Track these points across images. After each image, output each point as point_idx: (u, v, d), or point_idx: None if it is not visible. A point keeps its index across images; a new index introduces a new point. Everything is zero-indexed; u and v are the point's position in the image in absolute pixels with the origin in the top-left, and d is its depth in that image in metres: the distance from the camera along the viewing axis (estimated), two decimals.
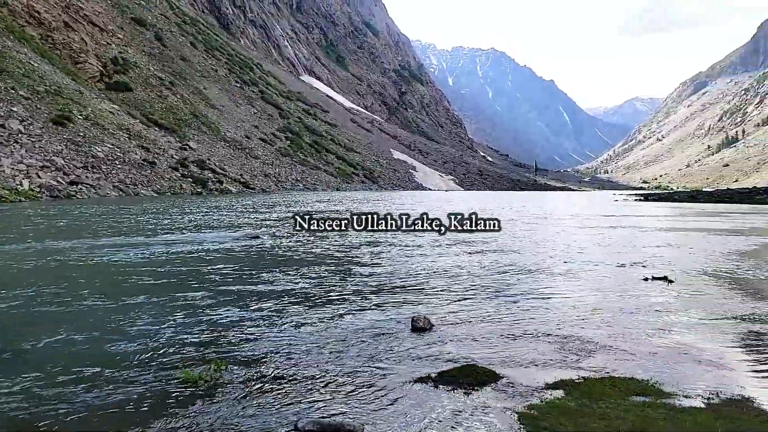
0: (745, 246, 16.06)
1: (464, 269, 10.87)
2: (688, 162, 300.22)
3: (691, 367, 5.01)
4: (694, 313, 7.30)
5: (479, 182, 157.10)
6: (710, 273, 10.83)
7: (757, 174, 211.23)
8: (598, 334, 6.10)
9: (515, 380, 4.55)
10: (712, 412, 3.83)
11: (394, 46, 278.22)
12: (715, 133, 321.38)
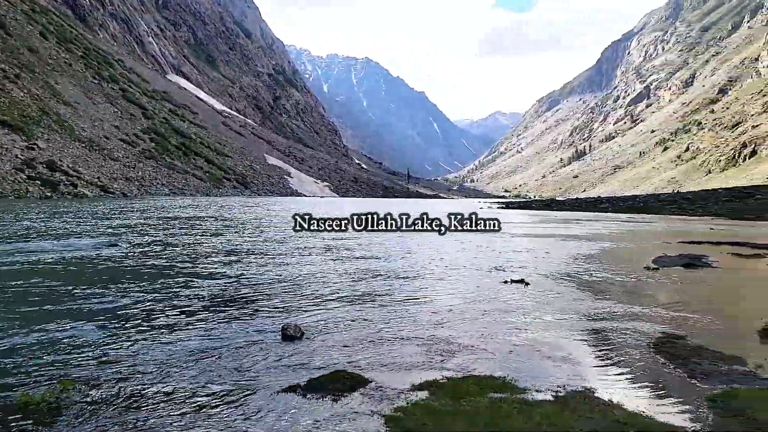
0: (591, 250, 17.74)
1: (336, 275, 10.91)
2: (543, 173, 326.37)
3: (543, 364, 5.42)
4: (546, 313, 7.90)
5: (354, 189, 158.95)
6: (561, 275, 11.80)
7: (601, 185, 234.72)
8: (461, 336, 6.40)
9: (383, 384, 4.63)
10: (559, 404, 4.16)
11: (268, 50, 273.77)
12: (566, 147, 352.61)
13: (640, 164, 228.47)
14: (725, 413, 3.99)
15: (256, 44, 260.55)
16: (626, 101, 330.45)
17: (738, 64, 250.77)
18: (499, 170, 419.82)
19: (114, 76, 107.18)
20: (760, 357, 5.67)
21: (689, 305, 8.60)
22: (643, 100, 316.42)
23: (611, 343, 6.23)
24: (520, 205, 79.97)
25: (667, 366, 5.34)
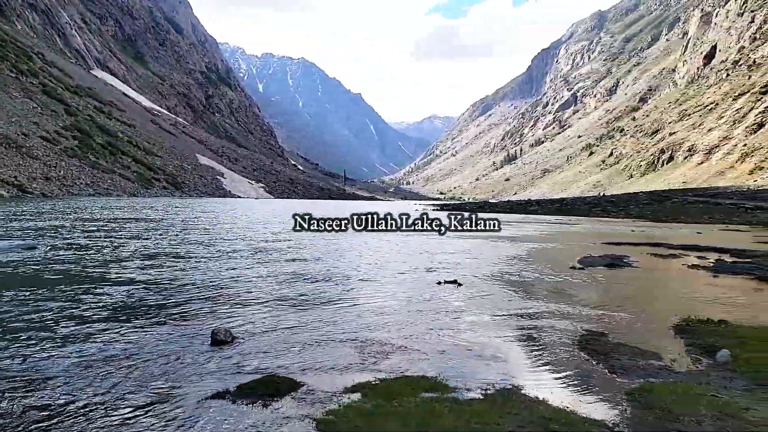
0: (521, 251, 18.29)
1: (268, 278, 10.73)
2: (477, 176, 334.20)
3: (474, 363, 5.53)
4: (478, 313, 8.07)
5: (290, 190, 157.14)
6: (493, 276, 12.10)
7: (532, 187, 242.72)
8: (395, 337, 6.44)
9: (315, 387, 4.59)
10: (489, 401, 4.26)
11: (200, 47, 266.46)
12: (499, 150, 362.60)
13: (568, 168, 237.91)
14: (642, 407, 4.20)
15: (187, 41, 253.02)
16: (555, 107, 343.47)
17: (657, 74, 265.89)
18: (434, 173, 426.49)
19: (33, 70, 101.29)
20: (674, 352, 6.01)
21: (611, 303, 9.02)
22: (571, 106, 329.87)
23: (538, 341, 6.43)
24: (454, 207, 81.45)
25: (590, 362, 5.57)
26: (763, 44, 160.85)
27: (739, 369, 5.13)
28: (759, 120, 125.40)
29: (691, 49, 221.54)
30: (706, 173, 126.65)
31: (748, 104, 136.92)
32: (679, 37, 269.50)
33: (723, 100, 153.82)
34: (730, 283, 11.43)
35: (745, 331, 6.70)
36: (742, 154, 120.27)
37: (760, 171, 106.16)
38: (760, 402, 4.23)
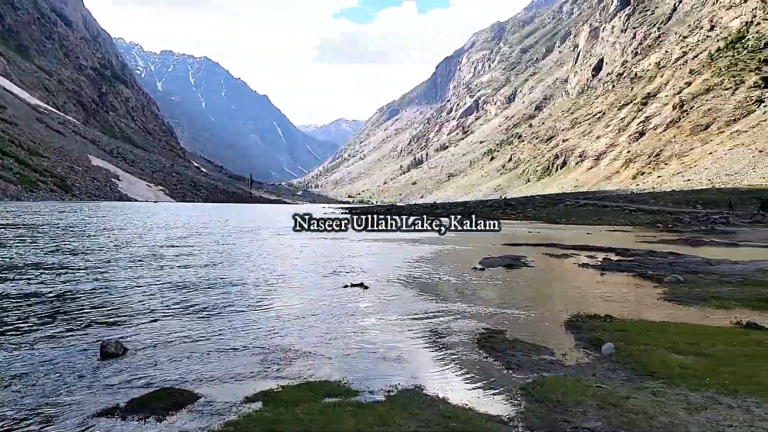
0: (426, 253, 18.72)
1: (167, 285, 10.26)
2: (385, 179, 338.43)
3: (378, 365, 5.57)
4: (383, 315, 8.15)
5: (193, 194, 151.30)
6: (398, 278, 12.27)
7: (437, 191, 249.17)
8: (298, 342, 6.36)
9: (214, 398, 4.43)
10: (391, 402, 4.31)
11: (92, 42, 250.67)
12: (405, 154, 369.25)
13: (471, 172, 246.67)
14: (535, 400, 4.42)
15: (78, 35, 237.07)
16: (458, 113, 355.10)
17: (551, 84, 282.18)
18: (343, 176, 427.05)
19: None
20: (565, 346, 6.38)
21: (509, 302, 9.43)
22: (473, 112, 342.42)
23: (441, 341, 6.59)
24: (362, 211, 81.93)
25: (489, 359, 5.78)
26: (643, 58, 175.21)
27: (622, 361, 5.52)
28: (640, 129, 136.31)
29: (581, 61, 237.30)
30: (595, 177, 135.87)
31: (630, 114, 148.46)
32: (570, 50, 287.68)
33: (609, 109, 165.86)
34: (615, 280, 12.30)
35: (627, 324, 7.22)
36: (626, 160, 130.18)
37: (641, 176, 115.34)
38: (639, 391, 4.57)
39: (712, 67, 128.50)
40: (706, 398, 4.34)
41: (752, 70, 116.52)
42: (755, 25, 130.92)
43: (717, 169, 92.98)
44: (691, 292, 9.96)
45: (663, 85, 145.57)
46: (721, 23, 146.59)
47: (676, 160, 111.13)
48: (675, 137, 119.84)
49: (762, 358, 5.43)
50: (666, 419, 3.91)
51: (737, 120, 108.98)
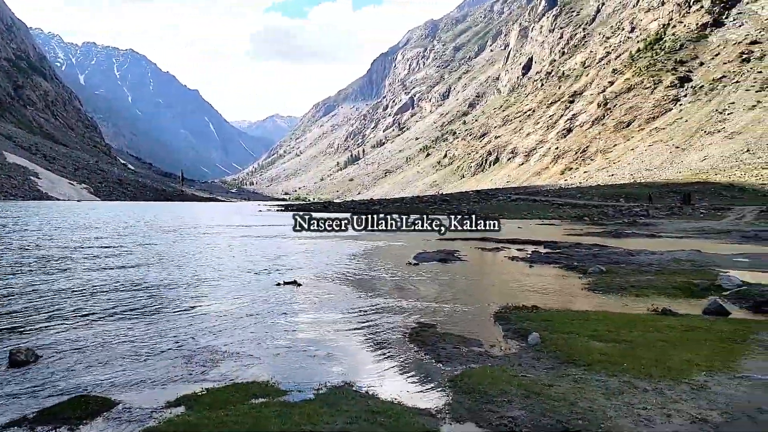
0: (362, 249, 18.74)
1: (88, 288, 9.76)
2: (322, 176, 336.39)
3: (309, 363, 5.50)
4: (316, 312, 8.07)
5: (119, 192, 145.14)
6: (333, 275, 12.20)
7: (374, 187, 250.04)
8: (227, 343, 6.19)
9: (133, 404, 4.23)
10: (320, 401, 4.26)
11: (5, 31, 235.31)
12: (342, 151, 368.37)
13: (407, 168, 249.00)
14: (462, 392, 4.48)
15: None
16: (394, 110, 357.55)
17: (483, 82, 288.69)
18: (278, 173, 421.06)
19: None
20: (493, 338, 6.52)
21: (441, 296, 9.55)
22: (409, 109, 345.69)
23: (373, 337, 6.59)
24: (299, 208, 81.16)
25: (419, 353, 5.83)
26: (570, 58, 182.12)
27: (546, 349, 5.69)
28: (567, 126, 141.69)
29: (511, 60, 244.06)
30: (526, 173, 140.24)
31: (558, 111, 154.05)
32: (501, 49, 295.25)
33: (539, 107, 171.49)
34: (543, 272, 12.71)
35: (552, 315, 7.47)
36: (554, 156, 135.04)
37: (569, 171, 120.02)
38: (562, 378, 4.73)
39: (632, 67, 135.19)
40: (623, 383, 4.53)
41: (669, 70, 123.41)
42: (671, 27, 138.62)
43: (638, 164, 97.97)
44: (613, 282, 10.41)
45: (588, 83, 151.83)
46: (640, 25, 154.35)
47: (601, 156, 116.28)
48: (600, 134, 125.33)
49: (674, 343, 5.73)
50: (586, 404, 4.05)
51: (656, 118, 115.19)
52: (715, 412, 3.90)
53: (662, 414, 3.87)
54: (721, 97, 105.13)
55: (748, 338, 5.91)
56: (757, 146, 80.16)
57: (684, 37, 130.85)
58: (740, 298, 8.63)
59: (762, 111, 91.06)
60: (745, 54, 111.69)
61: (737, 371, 4.79)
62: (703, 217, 36.82)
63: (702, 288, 9.51)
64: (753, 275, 11.26)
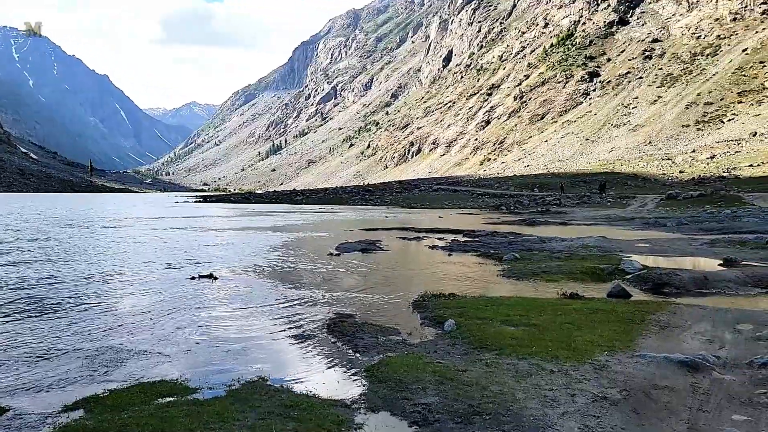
0: (283, 240, 18.44)
1: None
2: (242, 166, 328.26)
3: (222, 358, 5.33)
4: (233, 306, 7.84)
5: (21, 183, 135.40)
6: (252, 267, 11.93)
7: (297, 178, 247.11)
8: (136, 341, 5.89)
9: (26, 410, 3.93)
10: (231, 397, 4.12)
11: None
12: (264, 141, 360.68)
13: (331, 159, 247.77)
14: (378, 381, 4.48)
15: None
16: (316, 99, 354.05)
17: (405, 73, 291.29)
18: (197, 163, 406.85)
19: None
20: (410, 326, 6.59)
21: (362, 286, 9.57)
22: (331, 99, 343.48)
23: (290, 329, 6.48)
24: (218, 199, 78.90)
25: (336, 344, 5.79)
26: (488, 51, 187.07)
27: (461, 336, 5.81)
28: (486, 118, 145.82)
29: (432, 52, 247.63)
30: (447, 164, 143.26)
31: (477, 104, 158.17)
32: (422, 40, 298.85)
33: (459, 99, 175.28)
34: (461, 260, 13.02)
35: (468, 301, 7.65)
36: (474, 148, 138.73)
37: (487, 162, 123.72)
38: (475, 363, 4.84)
39: (546, 61, 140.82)
40: (531, 365, 4.69)
41: (579, 65, 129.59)
42: (582, 24, 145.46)
43: (551, 155, 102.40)
44: (526, 268, 10.82)
45: (505, 77, 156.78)
46: (553, 21, 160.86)
47: (517, 148, 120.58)
48: (516, 126, 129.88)
49: (580, 325, 6.02)
50: (496, 388, 4.17)
51: (568, 111, 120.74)
52: (615, 389, 4.12)
53: (567, 394, 4.04)
54: (626, 92, 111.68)
55: (646, 319, 6.30)
56: (658, 139, 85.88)
57: (593, 33, 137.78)
58: (641, 281, 9.19)
59: (662, 105, 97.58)
60: (648, 51, 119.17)
61: (635, 350, 5.08)
62: (610, 206, 39.05)
63: (607, 272, 10.06)
64: (653, 259, 12.04)
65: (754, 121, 76.08)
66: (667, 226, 21.84)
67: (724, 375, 4.47)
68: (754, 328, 5.90)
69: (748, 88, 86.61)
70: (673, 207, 33.42)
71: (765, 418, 3.66)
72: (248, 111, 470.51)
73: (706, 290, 8.65)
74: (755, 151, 60.91)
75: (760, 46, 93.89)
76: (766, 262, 10.77)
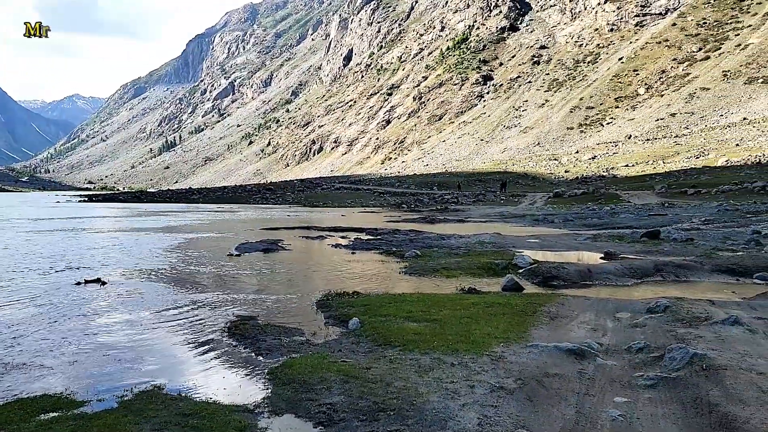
0: (179, 242, 17.66)
1: None
2: (132, 163, 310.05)
3: (113, 368, 5.01)
4: (125, 312, 7.40)
5: None
6: (146, 270, 11.32)
7: (193, 176, 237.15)
8: (13, 353, 5.40)
9: None
10: (124, 409, 3.89)
11: None
12: (156, 137, 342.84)
13: (230, 156, 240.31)
14: (282, 383, 4.42)
15: None
16: (213, 95, 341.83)
17: (306, 71, 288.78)
18: (81, 159, 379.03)
19: None
20: (315, 326, 6.56)
21: (264, 287, 9.38)
22: (229, 95, 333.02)
23: (188, 334, 6.23)
24: (106, 198, 74.02)
25: (238, 347, 5.64)
26: (387, 52, 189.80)
27: (365, 333, 5.86)
28: (387, 117, 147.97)
29: (333, 50, 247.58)
30: (349, 162, 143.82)
31: (378, 103, 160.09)
32: (322, 38, 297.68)
33: (360, 98, 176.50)
34: (364, 257, 13.13)
35: (371, 299, 7.73)
36: (375, 147, 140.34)
37: (389, 161, 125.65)
38: (379, 360, 4.90)
39: (443, 63, 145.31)
40: (433, 360, 4.83)
41: (474, 68, 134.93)
42: (476, 28, 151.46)
43: (449, 155, 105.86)
44: (426, 265, 11.11)
45: (405, 77, 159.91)
46: (449, 25, 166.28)
47: (417, 147, 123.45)
48: (416, 126, 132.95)
49: (477, 318, 6.28)
50: (400, 384, 4.25)
51: (464, 112, 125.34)
52: (511, 379, 4.34)
53: (467, 386, 4.20)
54: (517, 95, 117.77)
55: (537, 310, 6.68)
56: (545, 140, 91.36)
57: (486, 38, 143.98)
58: (532, 274, 9.74)
59: (549, 109, 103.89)
60: (536, 57, 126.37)
61: (528, 341, 5.38)
62: (503, 203, 41.02)
63: (501, 267, 10.56)
64: (543, 254, 12.79)
65: (629, 125, 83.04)
66: (555, 222, 23.29)
67: (607, 360, 4.84)
68: (631, 316, 6.45)
69: (624, 94, 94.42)
70: (559, 204, 35.70)
71: (642, 398, 4.01)
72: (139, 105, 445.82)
73: (589, 282, 9.33)
74: (630, 152, 66.48)
75: (634, 55, 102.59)
76: (640, 255, 11.78)
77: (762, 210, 22.48)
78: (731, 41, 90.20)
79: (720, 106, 74.77)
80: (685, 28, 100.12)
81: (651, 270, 9.78)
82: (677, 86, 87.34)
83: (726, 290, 8.48)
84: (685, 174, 46.01)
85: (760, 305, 6.77)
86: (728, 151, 52.87)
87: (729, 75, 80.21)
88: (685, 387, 4.02)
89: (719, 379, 3.97)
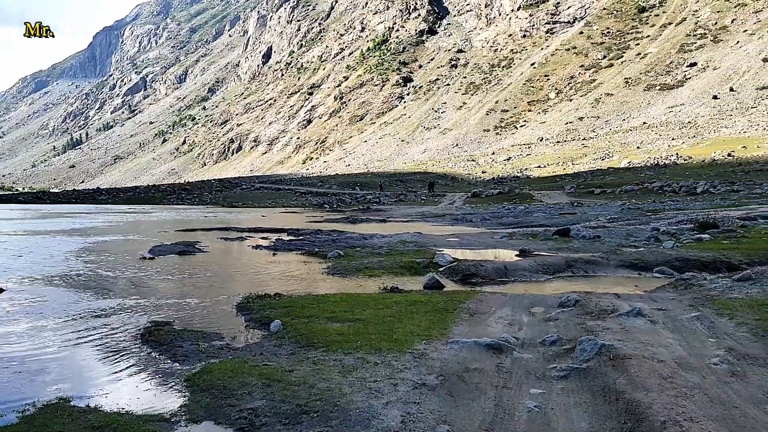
0: (86, 245, 16.67)
1: None
2: (34, 162, 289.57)
3: (12, 382, 4.65)
4: (25, 321, 6.90)
5: None
6: (50, 276, 10.60)
7: (101, 175, 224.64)
8: None
9: None
10: (25, 424, 3.62)
11: None
12: (60, 134, 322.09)
13: (141, 155, 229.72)
14: (201, 389, 4.26)
15: None
16: (123, 90, 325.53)
17: (223, 67, 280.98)
18: None
19: None
20: (235, 329, 6.39)
21: (180, 291, 9.04)
22: (141, 91, 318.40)
23: (98, 342, 5.89)
24: (2, 199, 68.71)
25: (153, 354, 5.39)
26: (308, 51, 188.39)
27: (288, 335, 5.77)
28: (308, 117, 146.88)
29: (251, 47, 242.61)
30: (269, 162, 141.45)
31: (299, 102, 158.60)
32: (240, 35, 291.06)
33: (280, 96, 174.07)
34: (286, 258, 12.94)
35: (294, 300, 7.63)
36: (296, 146, 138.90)
37: (310, 161, 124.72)
38: (302, 362, 4.84)
39: (364, 64, 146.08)
40: (357, 359, 4.83)
41: (394, 70, 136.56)
42: (396, 31, 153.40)
43: (371, 155, 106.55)
44: (349, 265, 11.11)
45: (325, 77, 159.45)
46: (369, 26, 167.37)
47: (338, 147, 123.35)
48: (337, 126, 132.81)
49: (400, 317, 6.34)
50: (324, 385, 4.21)
51: (385, 113, 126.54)
52: (433, 376, 4.41)
53: (390, 384, 4.23)
54: (436, 97, 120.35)
55: (457, 307, 6.84)
56: (464, 141, 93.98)
57: (406, 41, 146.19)
58: (452, 272, 9.97)
59: (467, 111, 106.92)
60: (454, 60, 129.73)
61: (449, 337, 5.49)
62: (424, 203, 41.79)
63: (423, 266, 10.73)
64: (462, 252, 13.12)
65: (540, 128, 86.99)
66: (473, 221, 23.98)
67: (523, 354, 5.03)
68: (544, 310, 6.74)
69: (536, 98, 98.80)
70: (477, 204, 36.83)
71: (556, 389, 4.19)
72: (40, 100, 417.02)
73: (506, 278, 9.67)
74: (542, 154, 69.70)
75: (545, 61, 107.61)
76: (552, 252, 12.35)
77: (660, 208, 24.24)
78: (632, 50, 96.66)
79: (623, 111, 79.92)
80: (591, 36, 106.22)
81: (562, 266, 10.27)
82: (585, 91, 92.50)
83: (630, 284, 9.05)
84: (592, 175, 48.86)
85: (660, 297, 7.27)
86: (630, 153, 56.64)
87: (630, 82, 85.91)
88: (595, 376, 4.25)
89: (625, 368, 4.22)
